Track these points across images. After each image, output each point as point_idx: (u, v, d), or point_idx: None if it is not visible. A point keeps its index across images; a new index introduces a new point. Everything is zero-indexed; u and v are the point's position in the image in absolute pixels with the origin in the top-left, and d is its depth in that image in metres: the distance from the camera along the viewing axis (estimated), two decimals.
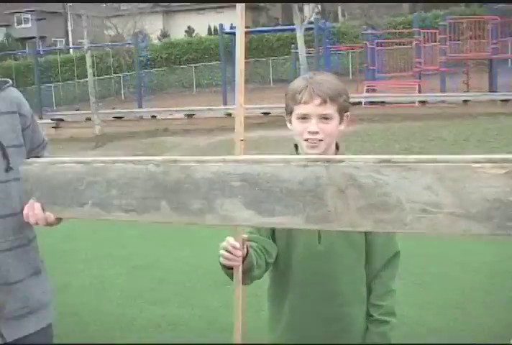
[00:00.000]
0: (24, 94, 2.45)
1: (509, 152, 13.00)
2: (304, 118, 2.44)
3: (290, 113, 2.50)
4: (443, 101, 20.25)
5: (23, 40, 56.43)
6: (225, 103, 22.95)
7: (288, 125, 2.54)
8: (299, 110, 2.44)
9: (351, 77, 29.31)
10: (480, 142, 14.16)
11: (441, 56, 21.75)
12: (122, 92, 36.11)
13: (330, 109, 2.41)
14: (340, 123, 2.48)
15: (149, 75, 35.91)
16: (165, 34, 51.02)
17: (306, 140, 2.44)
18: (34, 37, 55.64)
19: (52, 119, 23.03)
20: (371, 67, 23.21)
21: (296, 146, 2.56)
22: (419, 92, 21.61)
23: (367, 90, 22.42)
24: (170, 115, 22.18)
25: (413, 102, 20.26)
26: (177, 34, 49.86)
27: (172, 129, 20.27)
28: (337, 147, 2.55)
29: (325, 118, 2.42)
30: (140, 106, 24.13)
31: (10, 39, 56.25)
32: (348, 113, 2.52)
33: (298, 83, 2.45)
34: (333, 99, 2.41)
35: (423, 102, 19.75)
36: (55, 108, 32.97)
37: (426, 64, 22.60)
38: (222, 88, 24.28)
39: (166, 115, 22.30)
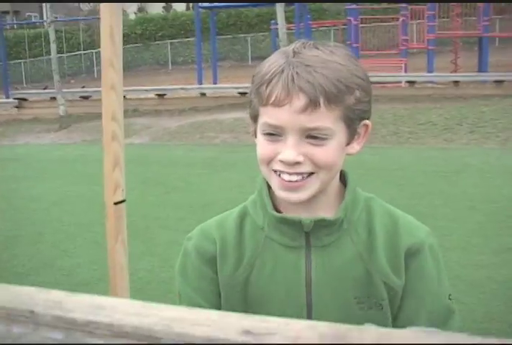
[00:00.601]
0: None
1: (505, 139, 12.02)
2: (273, 133, 1.30)
3: (254, 119, 1.36)
4: (431, 82, 19.21)
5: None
6: (200, 82, 21.77)
7: (255, 139, 1.41)
8: (265, 117, 1.29)
9: None
10: (474, 127, 13.10)
11: (429, 34, 20.74)
12: (95, 69, 34.87)
13: (325, 119, 1.28)
14: (349, 142, 1.36)
15: (123, 51, 34.73)
16: (141, 9, 49.82)
17: (276, 173, 1.32)
18: (7, 12, 54.22)
19: (14, 98, 21.58)
20: (354, 45, 22.08)
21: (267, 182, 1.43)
22: (405, 71, 20.59)
23: None
24: (141, 94, 20.95)
25: (400, 82, 19.09)
26: (155, 9, 48.67)
27: (142, 109, 19.04)
28: (343, 181, 1.48)
29: (313, 136, 1.29)
30: None
31: None
32: (367, 121, 1.38)
33: (271, 63, 1.30)
34: (332, 99, 1.26)
35: (411, 82, 18.63)
36: (25, 85, 31.81)
37: (412, 42, 21.87)
38: (197, 66, 23.10)
39: (138, 94, 21.08)
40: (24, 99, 21.57)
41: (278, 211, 1.43)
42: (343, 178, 1.46)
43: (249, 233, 1.46)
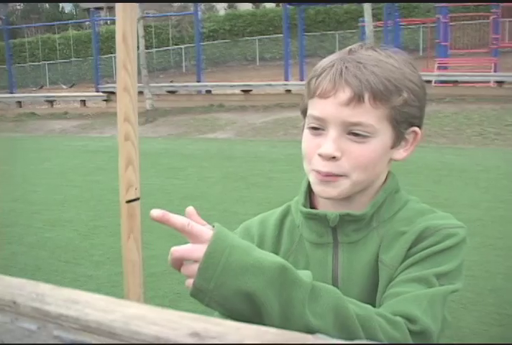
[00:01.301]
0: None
1: None
2: (317, 127, 1.33)
3: (304, 113, 1.39)
4: None
5: (91, 10, 56.15)
6: (287, 79, 21.77)
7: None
8: (311, 109, 1.33)
9: (421, 53, 28.09)
10: None
11: None
12: (183, 64, 35.28)
13: (369, 115, 1.28)
14: (395, 145, 1.35)
15: (211, 47, 35.00)
16: (231, 6, 50.08)
17: (315, 170, 1.33)
18: (101, 8, 55.31)
19: (103, 92, 22.07)
20: (443, 43, 21.71)
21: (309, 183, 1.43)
22: (495, 71, 20.08)
23: (439, 68, 20.90)
24: (227, 90, 21.11)
25: (489, 82, 18.63)
26: (245, 5, 48.84)
27: (227, 105, 19.16)
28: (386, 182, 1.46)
29: (355, 133, 1.29)
30: (199, 80, 23.12)
31: (78, 9, 56.03)
32: (416, 129, 1.37)
33: (326, 59, 1.34)
34: (378, 96, 1.26)
35: (500, 82, 18.16)
36: (114, 79, 32.35)
37: (504, 40, 21.29)
38: (285, 63, 23.08)
39: (224, 90, 21.26)
40: (113, 93, 22.03)
41: (316, 209, 1.46)
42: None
43: (287, 231, 1.49)
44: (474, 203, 7.42)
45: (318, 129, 1.33)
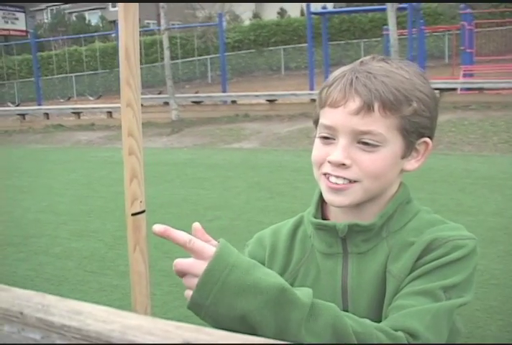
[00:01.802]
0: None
1: None
2: (327, 136, 1.35)
3: (316, 123, 1.41)
4: None
5: (116, 22, 56.47)
6: (312, 88, 21.76)
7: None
8: (322, 118, 1.36)
9: (447, 60, 27.99)
10: None
11: None
12: (209, 75, 35.42)
13: (378, 124, 1.30)
14: (406, 155, 1.37)
15: (236, 57, 35.10)
16: (256, 16, 50.22)
17: (325, 176, 1.36)
18: None
19: None
20: (468, 50, 21.60)
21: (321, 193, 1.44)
22: None
23: (464, 75, 20.80)
24: (252, 100, 21.15)
25: None
26: (270, 15, 48.95)
27: (252, 114, 19.16)
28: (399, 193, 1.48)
29: (365, 142, 1.31)
30: (224, 90, 23.20)
31: (104, 21, 56.44)
32: (427, 139, 1.39)
33: (338, 71, 1.38)
34: (388, 106, 1.28)
35: None
36: (142, 90, 32.56)
37: None
38: (309, 72, 23.07)
39: (249, 99, 21.30)
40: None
41: (327, 219, 1.48)
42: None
43: (299, 241, 1.51)
44: (499, 211, 7.36)
45: (328, 139, 1.35)
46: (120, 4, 1.34)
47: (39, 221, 8.24)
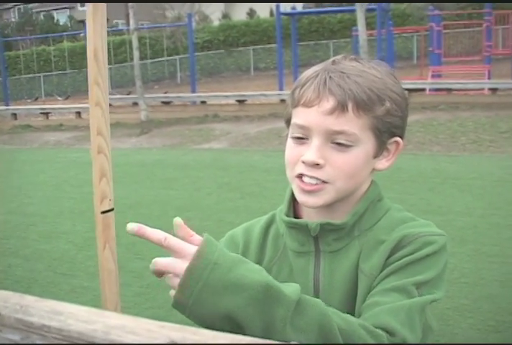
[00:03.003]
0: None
1: None
2: (300, 137, 1.35)
3: (287, 122, 1.41)
4: None
5: (85, 22, 56.13)
6: (281, 89, 21.80)
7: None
8: (295, 118, 1.35)
9: (415, 61, 28.18)
10: None
11: None
12: (178, 75, 35.31)
13: (352, 124, 1.30)
14: (378, 155, 1.37)
15: (206, 57, 35.03)
16: (225, 16, 50.18)
17: (299, 177, 1.35)
18: None
19: None
20: (437, 51, 21.76)
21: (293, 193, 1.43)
22: (488, 78, 20.13)
23: (432, 76, 20.94)
24: (221, 100, 21.13)
25: (483, 89, 18.67)
26: (239, 16, 48.94)
27: (222, 115, 19.14)
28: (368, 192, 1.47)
29: (337, 142, 1.31)
30: (194, 91, 23.15)
31: (73, 21, 56.03)
32: (398, 139, 1.39)
33: (310, 70, 1.36)
34: (361, 106, 1.29)
35: (493, 89, 18.20)
36: (110, 91, 32.39)
37: (497, 48, 21.34)
38: (278, 73, 23.10)
39: (218, 100, 21.27)
40: (110, 104, 22.04)
41: (299, 217, 1.48)
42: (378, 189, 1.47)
43: (271, 239, 1.50)
44: (468, 210, 7.43)
45: (301, 139, 1.35)
46: (88, 4, 1.34)
47: (8, 222, 8.16)
